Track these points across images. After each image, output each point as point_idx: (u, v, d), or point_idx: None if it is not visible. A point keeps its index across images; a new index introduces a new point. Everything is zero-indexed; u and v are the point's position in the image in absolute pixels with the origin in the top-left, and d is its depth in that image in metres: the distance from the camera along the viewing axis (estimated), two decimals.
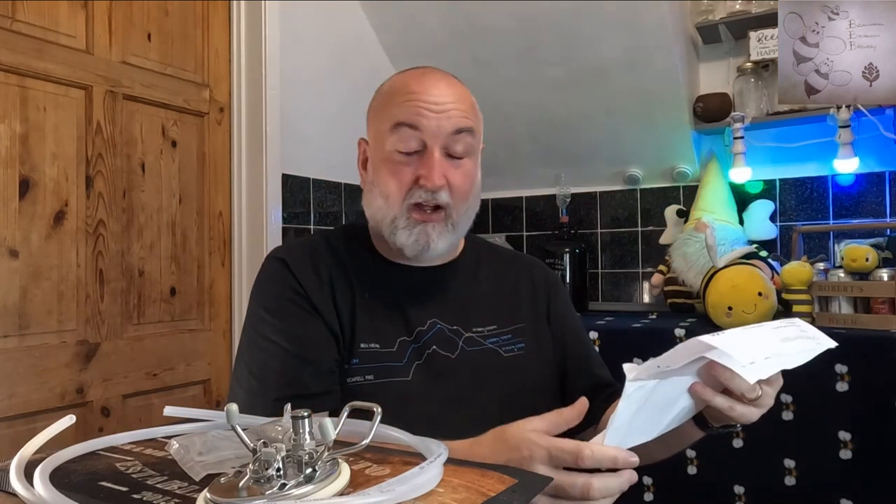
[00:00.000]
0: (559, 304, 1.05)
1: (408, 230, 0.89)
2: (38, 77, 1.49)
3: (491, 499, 0.51)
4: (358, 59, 2.24)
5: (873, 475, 1.41)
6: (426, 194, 0.88)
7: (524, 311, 1.00)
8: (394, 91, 0.92)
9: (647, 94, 2.11)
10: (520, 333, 0.97)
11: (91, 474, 0.58)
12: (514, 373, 0.93)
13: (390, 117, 0.89)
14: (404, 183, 0.88)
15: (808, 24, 1.54)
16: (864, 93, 1.53)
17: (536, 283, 1.04)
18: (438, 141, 0.88)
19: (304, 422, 0.52)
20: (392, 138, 0.89)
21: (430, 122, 0.87)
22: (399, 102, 0.89)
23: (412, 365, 0.88)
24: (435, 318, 0.93)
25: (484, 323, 0.95)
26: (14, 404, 1.43)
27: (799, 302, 1.58)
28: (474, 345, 0.93)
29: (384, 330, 0.90)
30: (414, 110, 0.88)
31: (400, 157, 0.89)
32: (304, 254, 0.94)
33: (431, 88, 0.89)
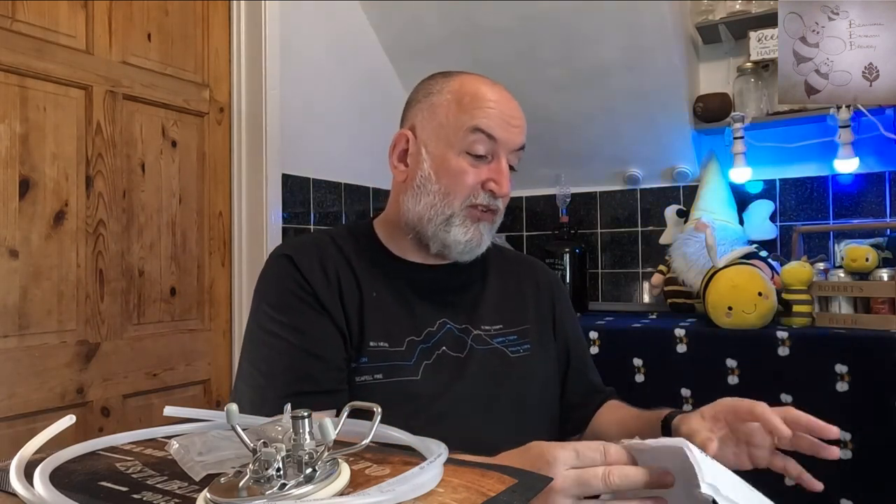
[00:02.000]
0: (562, 307, 1.08)
1: (464, 227, 0.92)
2: (38, 77, 1.49)
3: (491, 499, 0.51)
4: (358, 59, 2.24)
5: (873, 475, 1.41)
6: (489, 199, 0.92)
7: (529, 312, 1.02)
8: (471, 95, 0.92)
9: (647, 94, 2.11)
10: (525, 335, 0.99)
11: (91, 474, 0.58)
12: (521, 373, 0.95)
13: (468, 119, 0.91)
14: (471, 185, 0.91)
15: (808, 24, 1.54)
16: (864, 93, 1.53)
17: (541, 285, 1.07)
18: (507, 153, 0.93)
19: (304, 422, 0.52)
20: (465, 140, 0.90)
21: (507, 135, 0.92)
22: (479, 107, 0.91)
23: (421, 364, 0.89)
24: (445, 317, 0.94)
25: (491, 322, 0.97)
26: (14, 404, 1.43)
27: (799, 302, 1.58)
28: (482, 343, 0.94)
29: (393, 329, 0.90)
30: (496, 121, 0.91)
31: (470, 160, 0.91)
32: (311, 251, 0.94)
33: (508, 102, 0.93)
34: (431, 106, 0.94)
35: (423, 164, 0.93)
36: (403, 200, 0.95)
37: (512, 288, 1.04)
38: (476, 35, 2.15)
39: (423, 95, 0.96)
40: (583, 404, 1.04)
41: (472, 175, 0.91)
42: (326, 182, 2.11)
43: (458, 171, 0.91)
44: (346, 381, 0.87)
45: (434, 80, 0.97)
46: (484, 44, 2.17)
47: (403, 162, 0.96)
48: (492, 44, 2.16)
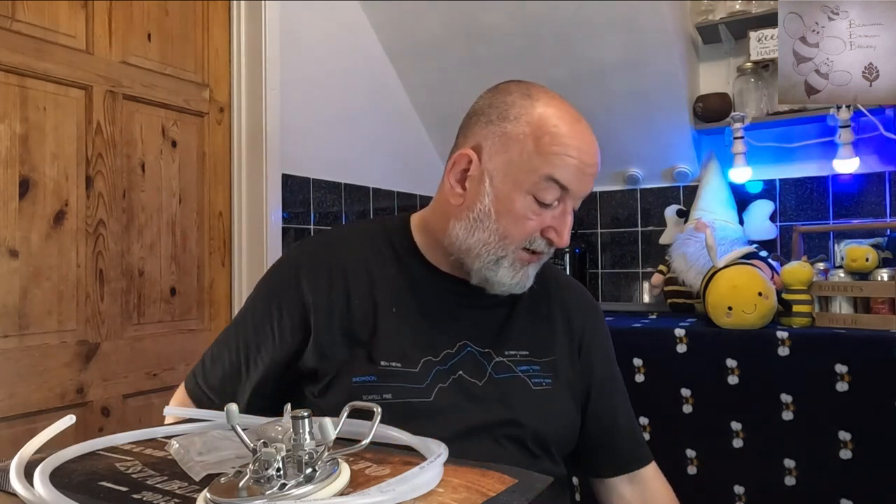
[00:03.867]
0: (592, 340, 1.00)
1: (512, 270, 0.87)
2: (38, 77, 1.49)
3: (491, 499, 0.51)
4: (358, 59, 2.24)
5: (873, 475, 1.41)
6: (545, 246, 0.88)
7: (556, 342, 0.96)
8: (553, 137, 0.84)
9: (647, 94, 2.11)
10: (549, 368, 0.93)
11: (91, 474, 0.58)
12: (540, 408, 0.89)
13: (544, 165, 0.84)
14: (531, 231, 0.86)
15: (808, 24, 1.54)
16: (864, 93, 1.53)
17: (573, 314, 1.00)
18: (576, 202, 0.89)
19: (304, 422, 0.52)
20: (536, 185, 0.84)
21: (580, 186, 0.86)
22: (558, 154, 0.84)
23: (435, 387, 0.85)
24: (466, 339, 0.90)
25: (517, 347, 0.92)
26: (14, 404, 1.42)
27: (799, 302, 1.58)
28: (504, 371, 0.90)
29: (408, 350, 0.87)
30: (574, 174, 0.84)
31: (535, 206, 0.85)
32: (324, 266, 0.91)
33: (589, 147, 0.86)
34: (505, 135, 0.86)
35: (484, 196, 0.86)
36: (454, 225, 0.88)
37: (543, 314, 0.97)
38: (476, 35, 2.15)
39: (497, 116, 0.87)
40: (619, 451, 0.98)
41: (534, 222, 0.86)
42: (326, 182, 2.11)
43: (521, 217, 0.85)
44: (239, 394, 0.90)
45: (511, 97, 0.88)
46: (484, 43, 2.17)
47: (462, 184, 0.88)
48: (492, 43, 2.16)
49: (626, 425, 1.00)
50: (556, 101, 0.88)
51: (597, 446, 0.98)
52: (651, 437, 1.64)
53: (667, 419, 1.63)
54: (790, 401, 1.49)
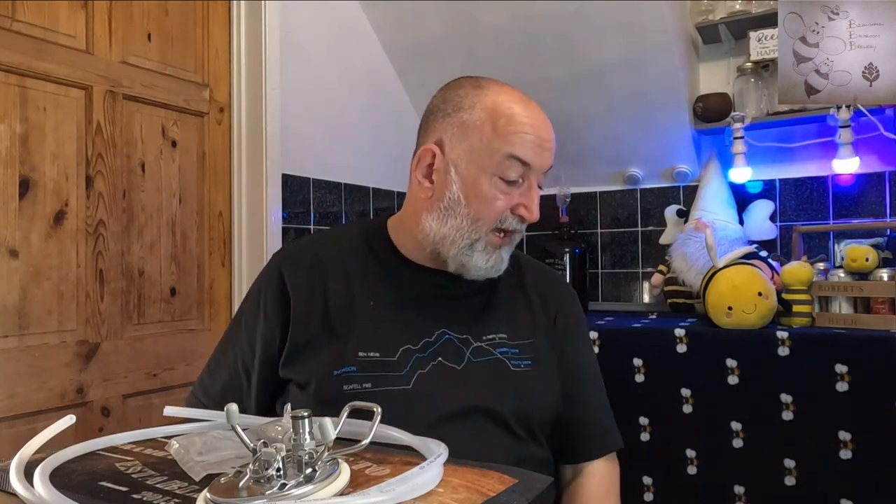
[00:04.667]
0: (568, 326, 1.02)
1: (486, 254, 0.91)
2: (38, 77, 1.49)
3: (491, 499, 0.51)
4: (358, 59, 2.24)
5: (873, 475, 1.41)
6: (517, 223, 0.91)
7: (534, 325, 0.98)
8: (508, 118, 0.89)
9: (647, 94, 2.11)
10: (528, 350, 0.95)
11: (91, 474, 0.58)
12: (520, 389, 0.91)
13: (504, 145, 0.88)
14: (501, 210, 0.89)
15: (808, 24, 1.54)
16: (864, 93, 1.53)
17: (549, 298, 1.02)
18: (539, 177, 0.92)
19: (304, 422, 0.52)
20: (499, 166, 0.88)
21: (540, 160, 0.90)
22: (518, 135, 0.88)
23: (414, 374, 0.88)
24: (444, 327, 0.92)
25: (495, 331, 0.94)
26: (14, 404, 1.42)
27: (799, 302, 1.58)
28: (482, 354, 0.92)
29: (386, 339, 0.89)
30: (533, 149, 0.89)
31: (502, 185, 0.89)
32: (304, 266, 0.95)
33: (543, 124, 0.91)
34: (463, 124, 0.90)
35: (451, 185, 0.90)
36: (426, 218, 0.92)
37: (519, 298, 1.00)
38: (476, 34, 2.15)
39: (452, 108, 0.91)
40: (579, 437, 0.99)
41: (503, 201, 0.89)
42: (326, 182, 2.11)
43: (490, 198, 0.89)
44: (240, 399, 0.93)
45: (463, 90, 0.93)
46: (484, 43, 2.17)
47: (428, 178, 0.93)
48: (492, 43, 2.16)
49: (584, 416, 0.99)
50: (506, 88, 0.93)
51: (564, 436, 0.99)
52: (651, 437, 1.64)
53: (667, 419, 1.62)
54: (790, 401, 1.49)
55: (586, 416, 0.99)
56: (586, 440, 0.99)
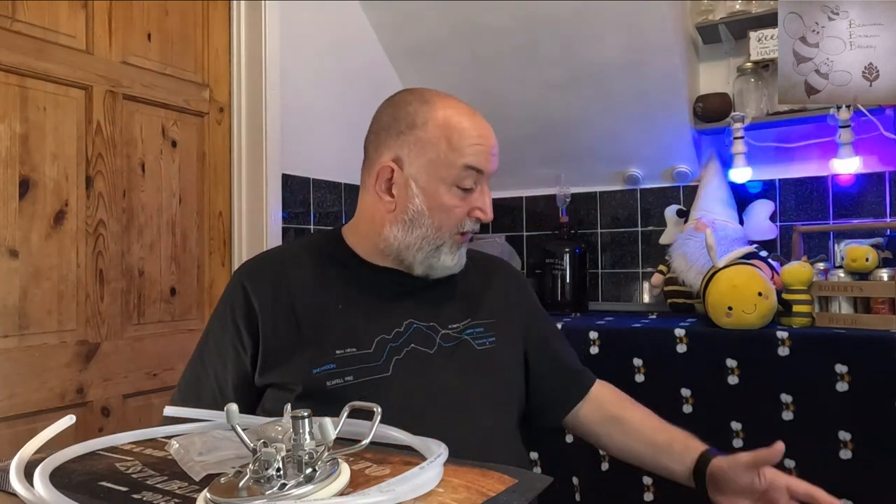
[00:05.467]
0: (529, 305, 1.14)
1: (452, 253, 0.99)
2: (38, 77, 1.49)
3: (491, 499, 0.51)
4: (358, 59, 2.24)
5: (873, 475, 1.41)
6: (474, 225, 1.00)
7: (495, 308, 1.07)
8: (459, 132, 0.97)
9: (647, 94, 2.11)
10: (491, 328, 1.03)
11: (91, 474, 0.58)
12: (487, 364, 1.00)
13: (458, 157, 0.96)
14: (461, 216, 0.98)
15: (808, 24, 1.54)
16: (864, 93, 1.53)
17: (506, 285, 1.12)
18: (488, 180, 1.01)
19: (304, 422, 0.52)
20: (458, 177, 0.96)
21: (491, 167, 0.99)
22: (470, 147, 0.96)
23: (392, 361, 0.94)
24: (411, 318, 0.98)
25: (458, 319, 1.02)
26: (14, 404, 1.42)
27: (799, 302, 1.58)
28: (450, 340, 0.99)
29: (360, 334, 0.95)
30: (485, 157, 0.98)
31: (459, 194, 0.98)
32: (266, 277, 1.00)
33: (489, 134, 1.00)
34: (419, 141, 0.97)
35: (414, 198, 0.97)
36: (390, 229, 0.98)
37: (478, 286, 1.09)
38: (476, 34, 2.15)
39: (405, 126, 0.98)
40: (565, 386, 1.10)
41: (461, 208, 0.98)
42: (326, 182, 2.11)
43: (450, 206, 0.97)
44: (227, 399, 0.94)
45: (412, 106, 0.99)
46: (484, 43, 2.17)
47: (389, 192, 0.99)
48: (492, 43, 2.16)
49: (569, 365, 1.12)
50: (452, 101, 1.00)
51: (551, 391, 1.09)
52: None
53: (667, 419, 1.62)
54: (790, 401, 1.49)
55: (563, 371, 1.11)
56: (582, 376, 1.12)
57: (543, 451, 1.73)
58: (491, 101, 2.31)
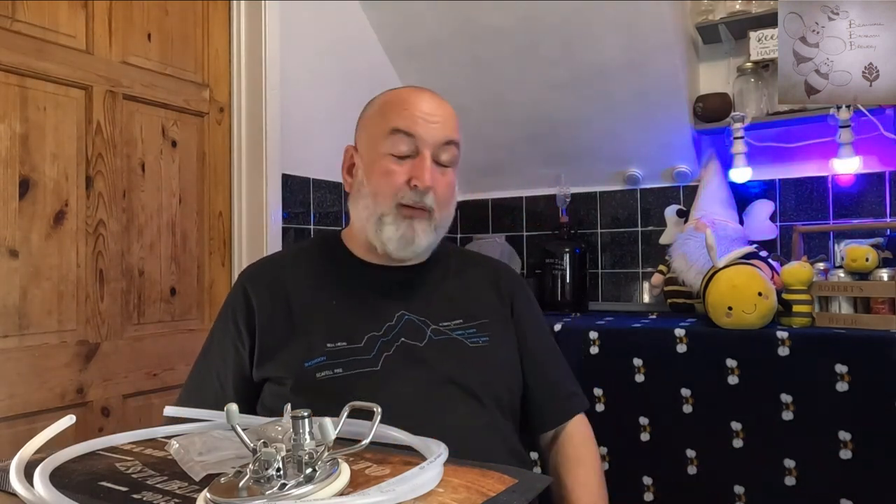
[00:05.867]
0: (522, 308, 1.10)
1: (395, 225, 0.97)
2: (38, 77, 1.49)
3: (491, 499, 0.51)
4: (358, 59, 2.24)
5: (873, 475, 1.41)
6: (415, 196, 0.96)
7: (489, 310, 1.05)
8: (391, 102, 1.00)
9: (647, 94, 2.11)
10: (484, 328, 1.02)
11: (91, 474, 0.58)
12: (479, 361, 0.98)
13: (387, 123, 0.97)
14: (396, 184, 0.96)
15: (808, 24, 1.54)
16: (864, 93, 1.53)
17: (502, 288, 1.09)
18: (430, 148, 0.97)
19: (304, 422, 0.52)
20: (387, 143, 0.97)
21: (424, 131, 0.97)
22: (397, 111, 0.98)
23: (381, 356, 0.94)
24: (403, 310, 0.99)
25: (450, 318, 1.01)
26: (14, 404, 1.42)
27: (799, 302, 1.57)
28: (441, 335, 0.98)
29: (352, 329, 0.96)
30: (411, 119, 0.96)
31: (393, 160, 0.97)
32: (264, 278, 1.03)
33: (425, 102, 0.99)
34: (363, 120, 1.04)
35: (359, 171, 1.01)
36: (352, 211, 1.03)
37: (472, 286, 1.07)
38: (476, 35, 2.15)
39: (362, 113, 1.06)
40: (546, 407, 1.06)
41: (396, 174, 0.96)
42: (326, 182, 2.11)
43: (383, 172, 0.97)
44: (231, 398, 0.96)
45: (375, 97, 1.06)
46: (484, 43, 2.17)
47: (350, 174, 1.05)
48: (492, 43, 2.16)
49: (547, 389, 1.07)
50: (410, 87, 1.03)
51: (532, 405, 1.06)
52: (651, 437, 1.64)
53: (667, 419, 1.62)
54: (790, 401, 1.49)
55: (549, 388, 1.07)
56: (552, 408, 1.06)
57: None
58: (491, 101, 2.31)
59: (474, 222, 2.65)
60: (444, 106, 1.01)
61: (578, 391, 1.10)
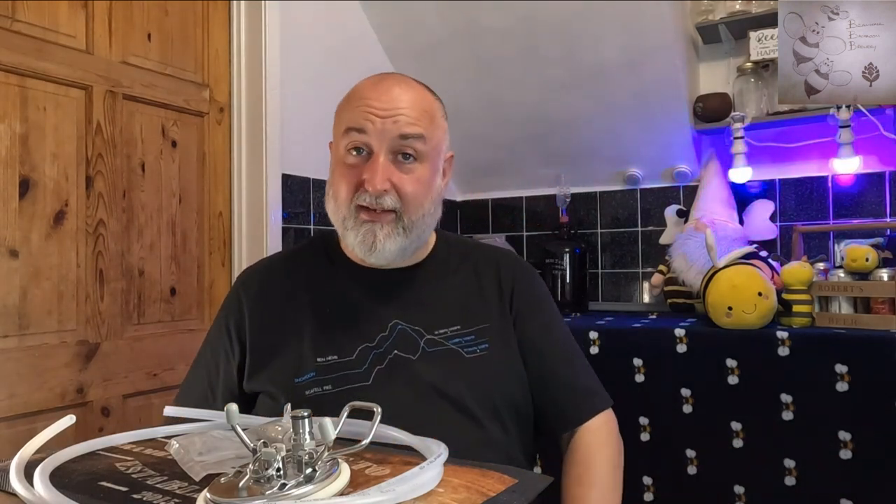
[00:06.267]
0: (523, 300, 1.01)
1: (355, 230, 0.91)
2: (38, 77, 1.49)
3: (491, 499, 0.51)
4: (358, 59, 2.24)
5: (873, 475, 1.41)
6: (370, 198, 0.89)
7: (490, 309, 0.98)
8: (349, 96, 0.95)
9: (647, 94, 2.11)
10: (484, 334, 0.95)
11: (91, 474, 0.58)
12: (476, 374, 0.92)
13: (343, 121, 0.93)
14: (351, 185, 0.91)
15: (808, 24, 1.54)
16: (864, 93, 1.53)
17: (502, 279, 1.02)
18: (384, 145, 0.90)
19: (304, 422, 0.52)
20: (343, 142, 0.92)
21: (375, 127, 0.89)
22: (352, 107, 0.92)
23: (373, 370, 0.90)
24: (397, 318, 0.94)
25: (447, 324, 0.95)
26: (14, 404, 1.42)
27: (799, 302, 1.58)
28: (435, 346, 0.93)
29: (343, 341, 0.92)
30: (362, 115, 0.90)
31: (350, 160, 0.91)
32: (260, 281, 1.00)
33: (382, 94, 0.91)
34: (335, 115, 0.98)
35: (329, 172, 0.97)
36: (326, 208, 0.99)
37: (473, 285, 1.00)
38: (476, 35, 2.15)
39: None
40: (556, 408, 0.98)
41: (349, 175, 0.91)
42: (326, 182, 2.10)
43: (341, 174, 0.92)
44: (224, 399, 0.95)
45: None
46: (484, 44, 2.17)
47: None
48: (492, 44, 2.16)
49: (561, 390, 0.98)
50: (375, 75, 0.96)
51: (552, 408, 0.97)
52: (651, 437, 1.64)
53: (667, 419, 1.62)
54: (790, 401, 1.49)
55: (563, 389, 0.98)
56: (570, 409, 0.97)
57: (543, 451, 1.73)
58: (491, 101, 2.31)
59: (474, 222, 2.65)
60: (406, 93, 0.92)
61: (596, 387, 1.01)
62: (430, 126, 0.93)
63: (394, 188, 0.90)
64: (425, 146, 0.92)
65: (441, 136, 0.97)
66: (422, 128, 0.91)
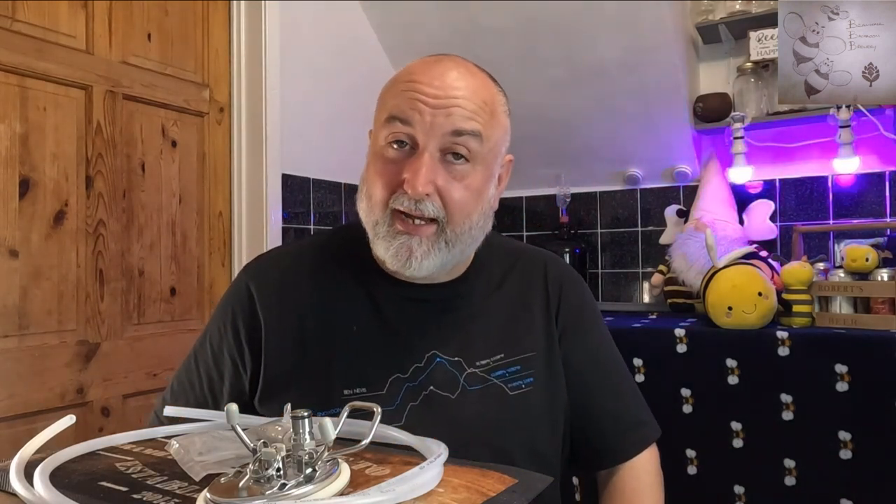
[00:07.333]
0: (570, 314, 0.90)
1: (387, 241, 0.76)
2: (38, 77, 1.49)
3: (491, 499, 0.51)
4: (358, 60, 2.24)
5: (873, 475, 1.41)
6: (409, 202, 0.75)
7: (536, 332, 0.87)
8: (397, 77, 0.80)
9: (647, 94, 2.11)
10: (529, 365, 0.84)
11: (91, 474, 0.58)
12: (520, 411, 0.82)
13: (385, 107, 0.78)
14: (389, 184, 0.76)
15: (808, 24, 1.54)
16: (864, 93, 1.53)
17: (550, 289, 0.90)
18: (433, 141, 0.75)
19: (304, 422, 0.52)
20: (384, 132, 0.77)
21: (423, 118, 0.74)
22: (397, 91, 0.77)
23: (406, 407, 0.79)
24: (434, 349, 0.82)
25: (489, 354, 0.83)
26: (14, 404, 1.42)
27: (799, 302, 1.57)
28: (477, 382, 0.81)
29: (372, 371, 0.80)
30: (408, 102, 0.75)
31: (391, 154, 0.76)
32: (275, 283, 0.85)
33: (435, 79, 0.76)
34: (378, 98, 0.82)
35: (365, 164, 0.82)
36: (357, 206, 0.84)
37: (517, 301, 0.87)
38: (476, 35, 2.15)
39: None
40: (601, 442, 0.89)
41: (388, 172, 0.76)
42: (326, 182, 2.11)
43: (375, 170, 0.78)
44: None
45: None
46: (484, 44, 2.17)
47: None
48: (492, 44, 2.16)
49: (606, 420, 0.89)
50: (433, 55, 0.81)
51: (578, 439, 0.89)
52: None
53: (667, 419, 1.61)
54: (790, 401, 1.49)
55: (609, 421, 0.89)
56: (616, 444, 0.89)
57: None
58: None
59: None
60: (465, 80, 0.77)
61: (645, 417, 0.92)
62: (489, 122, 0.78)
63: (438, 193, 0.75)
64: (481, 146, 0.77)
65: (501, 135, 0.82)
66: (479, 123, 0.76)
